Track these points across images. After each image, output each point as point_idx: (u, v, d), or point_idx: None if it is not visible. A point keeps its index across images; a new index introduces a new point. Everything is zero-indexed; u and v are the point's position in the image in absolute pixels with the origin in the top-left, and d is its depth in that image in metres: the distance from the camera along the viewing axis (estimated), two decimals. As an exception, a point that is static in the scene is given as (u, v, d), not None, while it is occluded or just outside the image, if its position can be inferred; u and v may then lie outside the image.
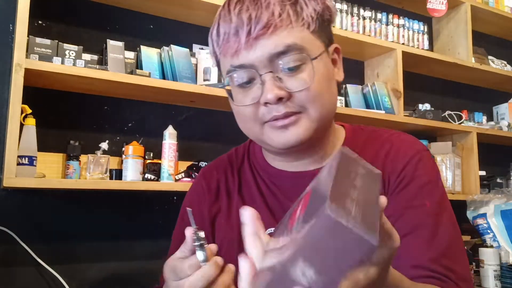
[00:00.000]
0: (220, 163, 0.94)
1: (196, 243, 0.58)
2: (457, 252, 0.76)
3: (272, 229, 0.80)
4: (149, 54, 1.80)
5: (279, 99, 0.73)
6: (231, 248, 0.69)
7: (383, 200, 0.44)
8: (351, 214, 0.35)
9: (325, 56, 0.78)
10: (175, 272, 0.59)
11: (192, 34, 2.03)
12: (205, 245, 0.58)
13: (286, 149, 0.78)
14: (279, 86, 0.73)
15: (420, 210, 0.76)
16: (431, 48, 2.76)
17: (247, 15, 0.72)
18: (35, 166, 1.48)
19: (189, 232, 0.59)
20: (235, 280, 0.55)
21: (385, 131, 0.88)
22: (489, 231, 2.24)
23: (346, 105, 2.25)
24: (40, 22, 1.71)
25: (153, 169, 1.72)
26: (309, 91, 0.73)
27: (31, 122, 1.49)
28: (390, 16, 2.48)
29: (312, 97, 0.74)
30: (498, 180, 2.83)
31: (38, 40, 1.57)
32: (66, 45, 1.62)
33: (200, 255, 0.58)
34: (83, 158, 1.66)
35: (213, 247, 0.59)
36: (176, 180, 1.74)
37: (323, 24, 0.77)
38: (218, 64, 0.82)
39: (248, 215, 0.50)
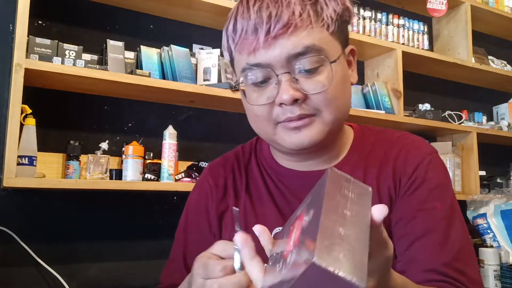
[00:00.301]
0: (227, 160, 0.93)
1: (236, 247, 0.54)
2: (468, 255, 0.76)
3: (280, 228, 0.80)
4: (149, 54, 1.80)
5: (295, 101, 0.72)
6: None
7: (379, 212, 0.44)
8: (340, 259, 0.36)
9: (342, 58, 0.77)
10: (206, 269, 0.56)
11: (192, 34, 2.03)
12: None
13: (298, 150, 0.77)
14: (295, 88, 0.72)
15: (431, 213, 0.76)
16: (431, 48, 2.76)
17: (267, 13, 0.70)
18: (35, 166, 1.48)
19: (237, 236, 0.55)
20: None
21: (394, 132, 0.88)
22: (489, 231, 2.24)
23: (346, 105, 2.24)
24: (40, 22, 1.71)
25: (153, 169, 1.72)
26: (325, 94, 0.73)
27: (31, 122, 1.49)
28: (390, 16, 2.48)
29: (328, 101, 0.73)
30: (498, 180, 2.83)
31: (38, 40, 1.57)
32: (66, 45, 1.62)
33: (237, 260, 0.54)
34: (83, 158, 1.66)
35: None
36: (176, 180, 1.74)
37: (341, 25, 0.77)
38: (231, 60, 0.81)
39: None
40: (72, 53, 1.62)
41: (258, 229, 0.52)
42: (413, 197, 0.78)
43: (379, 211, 0.44)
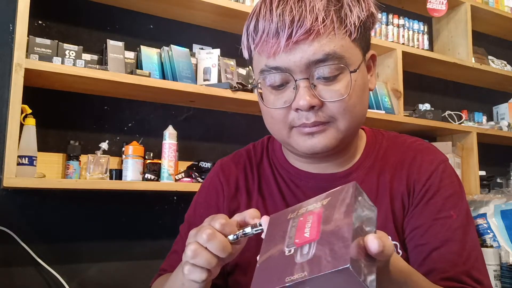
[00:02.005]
0: (239, 158, 0.92)
1: (253, 227, 0.60)
2: (482, 264, 0.78)
3: None
4: (149, 54, 1.80)
5: (311, 107, 0.72)
6: (247, 246, 0.67)
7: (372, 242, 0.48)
8: (363, 268, 0.44)
9: (362, 65, 0.77)
10: (213, 218, 0.62)
11: (192, 34, 2.03)
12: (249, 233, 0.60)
13: (310, 154, 0.78)
14: (313, 94, 0.71)
15: (447, 222, 0.77)
16: (431, 48, 2.76)
17: (290, 17, 0.69)
18: (35, 166, 1.48)
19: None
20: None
21: (407, 138, 0.88)
22: (489, 231, 2.23)
23: (346, 105, 2.25)
24: (40, 22, 1.71)
25: (153, 169, 1.72)
26: (342, 103, 0.73)
27: (31, 122, 1.49)
28: (390, 16, 2.48)
29: (344, 109, 0.73)
30: (498, 180, 2.83)
31: (38, 40, 1.57)
32: (66, 45, 1.62)
33: (238, 232, 0.60)
34: (83, 158, 1.66)
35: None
36: (176, 180, 1.74)
37: (364, 32, 0.76)
38: (250, 59, 0.80)
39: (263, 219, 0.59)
40: (72, 53, 1.62)
41: (264, 220, 0.58)
42: (428, 206, 0.79)
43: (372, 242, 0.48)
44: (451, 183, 0.81)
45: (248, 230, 0.60)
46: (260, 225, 0.59)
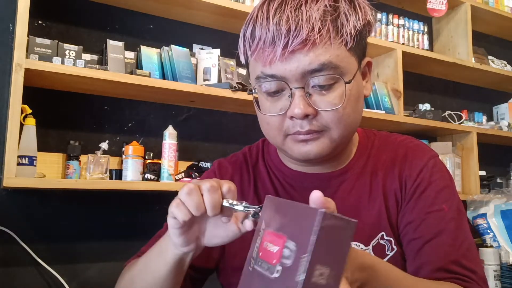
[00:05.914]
0: (236, 160, 0.94)
1: (251, 208, 0.62)
2: (474, 254, 0.79)
3: None
4: (149, 54, 1.80)
5: (305, 116, 0.73)
6: (243, 247, 0.67)
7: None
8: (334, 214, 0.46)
9: (358, 74, 0.77)
10: (224, 180, 0.65)
11: (192, 34, 2.03)
12: (239, 207, 0.63)
13: (304, 160, 0.79)
14: (308, 103, 0.72)
15: (439, 215, 0.79)
16: (431, 48, 2.76)
17: (286, 27, 0.69)
18: (35, 166, 1.48)
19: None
20: None
21: (397, 136, 0.90)
22: (489, 231, 2.24)
23: (346, 105, 2.24)
24: (40, 22, 1.71)
25: (153, 169, 1.72)
26: (336, 112, 0.73)
27: (31, 122, 1.49)
28: (390, 16, 2.48)
29: (338, 119, 0.74)
30: (498, 180, 2.83)
31: (38, 40, 1.57)
32: (66, 45, 1.62)
33: (229, 206, 0.63)
34: (83, 158, 1.66)
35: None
36: (176, 180, 1.74)
37: (360, 41, 0.76)
38: (246, 64, 0.81)
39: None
40: (72, 53, 1.62)
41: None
42: (420, 200, 0.80)
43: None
44: (441, 177, 0.82)
45: (239, 206, 0.63)
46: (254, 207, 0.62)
